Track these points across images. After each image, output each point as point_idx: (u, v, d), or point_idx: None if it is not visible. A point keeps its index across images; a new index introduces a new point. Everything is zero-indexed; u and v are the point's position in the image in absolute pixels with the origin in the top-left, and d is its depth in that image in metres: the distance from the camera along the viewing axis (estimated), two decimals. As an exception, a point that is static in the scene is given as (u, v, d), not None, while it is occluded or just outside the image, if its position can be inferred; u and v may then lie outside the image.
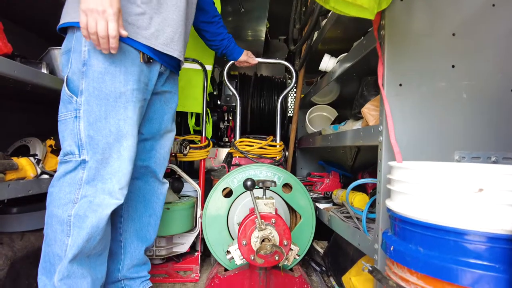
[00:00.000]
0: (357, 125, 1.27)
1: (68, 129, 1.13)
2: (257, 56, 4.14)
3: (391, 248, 0.79)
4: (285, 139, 2.27)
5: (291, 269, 1.61)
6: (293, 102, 3.04)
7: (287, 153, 2.23)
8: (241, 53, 1.93)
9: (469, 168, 0.68)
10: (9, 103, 1.83)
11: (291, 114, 2.96)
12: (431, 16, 1.02)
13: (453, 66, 1.02)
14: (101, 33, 1.01)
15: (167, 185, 1.52)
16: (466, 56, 1.02)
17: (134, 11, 1.15)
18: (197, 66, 2.10)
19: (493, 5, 1.03)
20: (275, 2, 2.87)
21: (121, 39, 1.11)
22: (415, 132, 1.01)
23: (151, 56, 1.21)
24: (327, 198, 1.87)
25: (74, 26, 1.14)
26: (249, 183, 1.24)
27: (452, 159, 1.01)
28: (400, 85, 1.01)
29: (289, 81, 2.98)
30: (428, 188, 0.71)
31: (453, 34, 1.02)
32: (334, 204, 1.78)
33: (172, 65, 1.36)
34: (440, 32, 1.02)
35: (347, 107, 2.42)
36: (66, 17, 1.15)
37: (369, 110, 1.11)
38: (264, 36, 3.38)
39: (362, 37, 1.29)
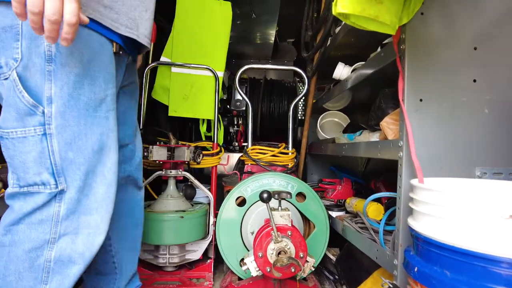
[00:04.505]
0: (374, 137, 1.27)
1: (32, 152, 0.85)
2: (266, 59, 4.11)
3: (415, 269, 0.78)
4: (294, 141, 2.24)
5: (304, 278, 1.60)
6: (303, 104, 3.01)
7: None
8: None
9: (498, 193, 0.67)
10: None
11: (300, 117, 2.96)
12: (452, 30, 1.01)
13: (474, 81, 1.01)
14: (52, 16, 0.70)
15: (143, 189, 1.37)
16: (488, 70, 1.01)
17: None
18: (208, 73, 2.10)
19: (516, 18, 1.02)
20: (284, 5, 2.86)
21: (99, 29, 0.89)
22: (436, 147, 1.00)
23: (123, 46, 1.00)
24: (340, 205, 1.86)
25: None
26: (265, 195, 1.24)
27: (473, 174, 1.00)
28: (421, 100, 1.00)
29: (299, 84, 2.98)
30: (456, 211, 0.70)
31: (475, 48, 1.01)
32: (347, 212, 1.77)
33: (135, 52, 1.17)
34: (462, 46, 1.01)
35: (358, 112, 2.40)
36: None
37: (388, 124, 1.10)
38: (273, 39, 3.37)
39: (379, 49, 1.28)
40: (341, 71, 1.70)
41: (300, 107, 3.05)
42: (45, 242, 0.88)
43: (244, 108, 2.72)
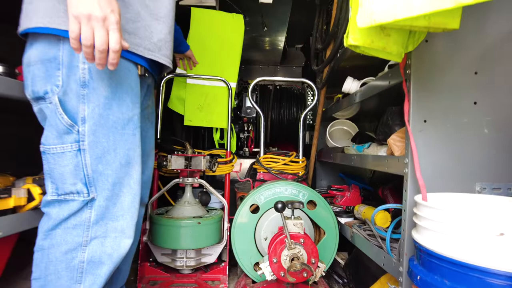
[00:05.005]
0: (382, 151, 1.35)
1: (69, 165, 0.97)
2: (274, 65, 4.16)
3: (418, 278, 0.87)
4: (303, 147, 2.31)
5: (315, 282, 1.69)
6: (311, 111, 3.10)
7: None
8: (188, 47, 1.88)
9: (492, 211, 0.76)
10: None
11: (309, 121, 3.05)
12: (455, 56, 1.09)
13: (475, 103, 1.09)
14: (101, 47, 0.83)
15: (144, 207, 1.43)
16: (488, 93, 1.09)
17: (133, 17, 1.00)
18: (222, 84, 2.20)
19: (514, 44, 1.10)
20: (292, 12, 2.93)
21: (125, 55, 1.01)
22: (439, 164, 1.09)
23: (148, 69, 1.11)
24: (349, 212, 1.95)
25: (56, 34, 0.93)
26: (279, 205, 1.33)
27: (473, 189, 1.08)
28: (425, 121, 1.08)
29: (308, 89, 3.07)
30: (454, 228, 0.79)
31: (476, 73, 1.09)
32: (355, 218, 1.86)
33: (156, 74, 1.26)
34: (463, 71, 1.09)
35: (366, 120, 2.49)
36: (39, 18, 0.92)
37: (394, 141, 1.19)
38: (282, 45, 3.45)
39: (387, 68, 1.37)
40: (350, 86, 1.78)
41: (308, 113, 3.14)
42: (79, 244, 1.00)
43: (254, 115, 2.82)
